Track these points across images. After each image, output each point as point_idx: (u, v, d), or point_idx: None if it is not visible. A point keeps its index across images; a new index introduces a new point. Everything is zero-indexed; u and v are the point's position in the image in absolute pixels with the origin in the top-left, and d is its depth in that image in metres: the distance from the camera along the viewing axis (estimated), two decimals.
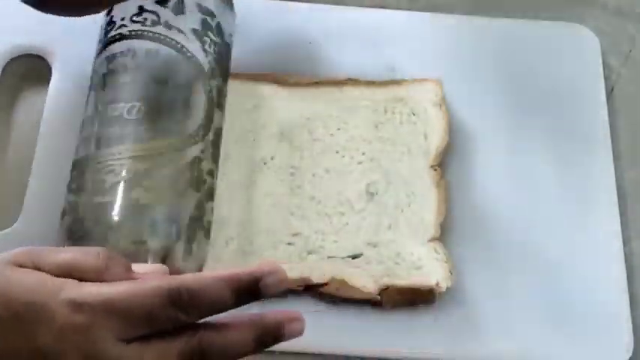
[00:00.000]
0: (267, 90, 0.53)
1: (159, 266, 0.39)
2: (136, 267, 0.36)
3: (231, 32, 0.51)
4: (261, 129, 0.51)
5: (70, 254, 0.35)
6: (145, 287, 0.33)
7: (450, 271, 0.47)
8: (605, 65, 0.57)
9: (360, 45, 0.55)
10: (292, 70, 0.54)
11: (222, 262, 0.47)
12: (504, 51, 0.56)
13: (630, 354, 0.48)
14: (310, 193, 0.50)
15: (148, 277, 0.35)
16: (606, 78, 0.56)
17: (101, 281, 0.34)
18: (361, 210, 0.49)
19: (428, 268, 0.47)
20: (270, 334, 0.35)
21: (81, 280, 0.34)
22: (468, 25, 0.57)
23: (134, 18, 0.47)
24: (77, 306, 0.33)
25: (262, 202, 0.49)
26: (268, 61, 0.54)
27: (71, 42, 0.54)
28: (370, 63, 0.55)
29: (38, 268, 0.34)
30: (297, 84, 0.53)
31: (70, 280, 0.34)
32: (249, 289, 0.35)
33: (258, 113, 0.52)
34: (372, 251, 0.48)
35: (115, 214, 0.42)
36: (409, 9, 0.58)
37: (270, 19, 0.56)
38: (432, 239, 0.48)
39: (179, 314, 0.33)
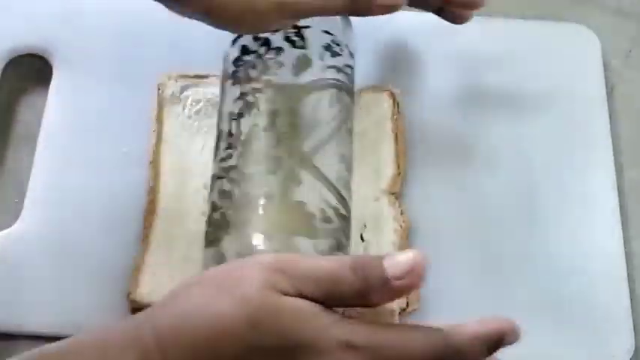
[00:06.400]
0: None
1: (410, 256, 0.36)
2: (388, 262, 0.35)
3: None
4: None
5: (327, 273, 0.34)
6: (416, 341, 0.34)
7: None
8: (605, 65, 0.57)
9: (362, 46, 0.55)
10: None
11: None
12: (504, 51, 0.56)
13: (631, 354, 0.48)
14: None
15: (416, 326, 0.35)
16: (606, 78, 0.56)
17: (363, 302, 0.35)
18: None
19: None
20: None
21: (341, 298, 0.34)
22: (468, 25, 0.57)
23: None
24: (349, 348, 0.33)
25: None
26: None
27: (72, 42, 0.54)
28: (372, 64, 0.55)
29: (300, 294, 0.34)
30: None
31: (339, 318, 0.34)
32: (496, 346, 0.35)
33: None
34: None
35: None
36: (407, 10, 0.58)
37: None
38: None
39: None
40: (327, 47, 0.45)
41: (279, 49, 0.44)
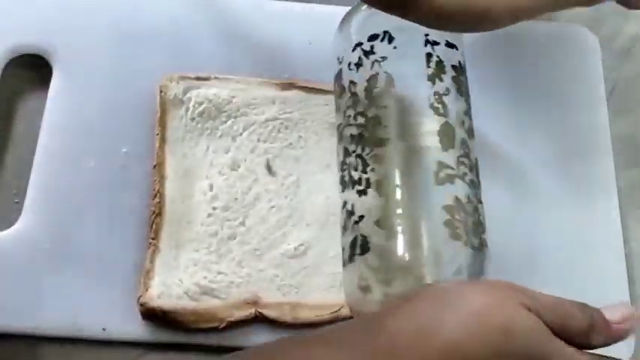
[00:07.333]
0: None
1: (624, 304, 0.39)
2: (604, 309, 0.38)
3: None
4: None
5: (561, 304, 0.37)
6: None
7: None
8: (605, 65, 0.57)
9: None
10: (291, 70, 0.54)
11: None
12: (504, 51, 0.56)
13: (631, 354, 0.48)
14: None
15: None
16: (606, 78, 0.56)
17: (584, 340, 0.37)
18: None
19: None
20: None
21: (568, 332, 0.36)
22: None
23: None
24: None
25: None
26: (267, 62, 0.54)
27: (72, 42, 0.54)
28: None
29: (539, 316, 0.36)
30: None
31: (567, 347, 0.36)
32: None
33: None
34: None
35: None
36: None
37: (270, 20, 0.56)
38: None
39: None
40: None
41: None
